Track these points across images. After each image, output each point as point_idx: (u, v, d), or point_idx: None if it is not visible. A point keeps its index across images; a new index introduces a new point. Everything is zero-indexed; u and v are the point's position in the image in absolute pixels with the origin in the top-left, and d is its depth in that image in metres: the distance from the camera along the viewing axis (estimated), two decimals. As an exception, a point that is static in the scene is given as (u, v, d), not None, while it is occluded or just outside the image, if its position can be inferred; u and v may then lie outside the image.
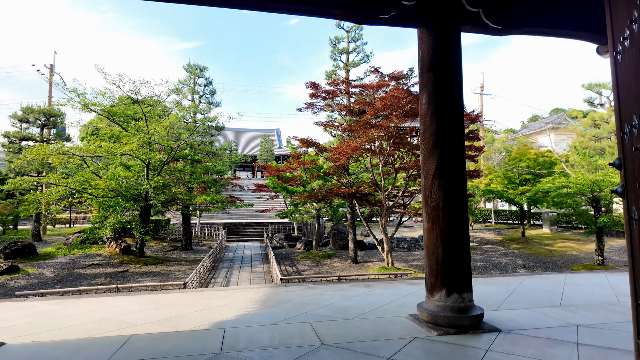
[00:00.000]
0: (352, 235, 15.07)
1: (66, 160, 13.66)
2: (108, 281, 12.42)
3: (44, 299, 7.67)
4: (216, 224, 29.26)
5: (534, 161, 17.42)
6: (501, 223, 26.02)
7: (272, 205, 36.51)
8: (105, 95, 14.30)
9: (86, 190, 14.02)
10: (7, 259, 15.40)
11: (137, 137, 13.53)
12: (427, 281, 4.89)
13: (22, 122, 19.27)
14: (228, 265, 15.67)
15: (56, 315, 5.82)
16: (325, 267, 14.77)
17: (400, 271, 12.38)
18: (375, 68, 11.98)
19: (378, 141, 11.97)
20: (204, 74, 21.18)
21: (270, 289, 8.16)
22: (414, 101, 11.23)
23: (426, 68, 4.97)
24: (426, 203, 4.87)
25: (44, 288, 11.46)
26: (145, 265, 15.20)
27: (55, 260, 15.69)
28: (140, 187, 14.22)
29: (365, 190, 12.81)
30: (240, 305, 6.26)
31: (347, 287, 8.21)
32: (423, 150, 5.00)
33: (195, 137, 17.80)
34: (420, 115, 5.14)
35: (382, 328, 4.59)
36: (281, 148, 58.08)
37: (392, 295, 7.01)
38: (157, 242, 22.38)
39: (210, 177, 19.41)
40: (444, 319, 4.45)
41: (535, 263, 14.26)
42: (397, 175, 13.18)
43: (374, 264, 14.78)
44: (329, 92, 13.32)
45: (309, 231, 24.58)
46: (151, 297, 7.55)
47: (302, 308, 5.80)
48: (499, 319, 4.99)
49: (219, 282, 12.27)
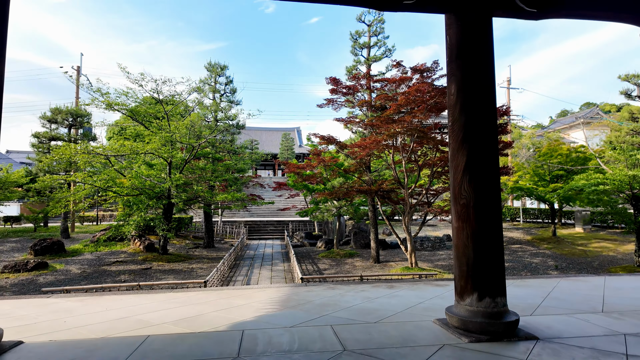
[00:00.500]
0: (374, 234, 14.74)
1: (90, 159, 13.95)
2: (131, 278, 12.58)
3: (68, 295, 7.75)
4: (238, 221, 29.46)
5: (566, 157, 16.55)
6: (530, 222, 25.03)
7: (292, 204, 36.53)
8: (128, 95, 14.51)
9: (110, 188, 14.26)
10: (37, 255, 15.88)
11: (159, 136, 13.66)
12: (457, 284, 4.57)
13: (51, 122, 19.91)
14: (249, 264, 15.65)
15: (77, 313, 5.82)
16: (347, 266, 14.51)
17: (425, 271, 11.99)
18: (397, 62, 11.58)
19: (401, 137, 11.60)
20: (225, 72, 21.27)
21: (290, 289, 7.99)
22: (439, 95, 10.81)
23: (454, 56, 4.65)
24: (455, 200, 4.56)
25: (70, 284, 11.70)
26: (167, 263, 15.36)
27: (82, 257, 16.07)
28: (162, 185, 14.36)
29: (388, 188, 12.45)
30: (259, 306, 6.11)
31: (369, 287, 7.94)
32: (452, 143, 4.67)
33: (216, 136, 17.88)
34: (449, 106, 4.82)
35: (408, 333, 4.32)
36: (302, 147, 58.10)
37: (417, 297, 6.70)
38: (180, 239, 22.67)
39: (231, 175, 19.47)
40: (475, 325, 4.14)
41: (568, 264, 13.55)
42: (420, 173, 12.77)
43: (396, 264, 14.41)
44: (350, 88, 13.02)
45: (330, 229, 24.36)
46: (171, 295, 7.51)
47: (323, 310, 5.58)
48: (535, 325, 4.62)
49: (240, 281, 12.21)
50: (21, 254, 16.44)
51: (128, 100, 14.55)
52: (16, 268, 13.24)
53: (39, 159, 17.21)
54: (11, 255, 16.07)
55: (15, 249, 17.34)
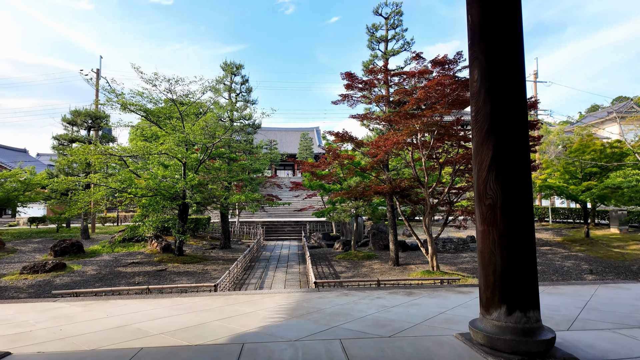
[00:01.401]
0: (393, 235, 14.15)
1: (105, 160, 13.98)
2: (145, 280, 12.46)
3: (75, 300, 7.59)
4: (255, 222, 29.33)
5: (600, 153, 15.42)
6: (559, 222, 23.74)
7: (309, 204, 36.20)
8: (143, 95, 14.46)
9: (125, 189, 14.25)
10: (56, 256, 16.07)
11: (172, 136, 13.54)
12: (482, 295, 4.02)
13: (71, 124, 20.26)
14: (264, 265, 15.34)
15: (77, 320, 5.61)
16: (364, 268, 13.98)
17: (447, 276, 11.34)
18: (417, 54, 10.95)
19: (420, 133, 11.00)
20: (240, 71, 21.10)
21: (301, 295, 7.56)
22: (462, 88, 10.17)
23: (477, 37, 4.11)
24: (480, 200, 4.02)
25: (85, 286, 11.67)
26: (183, 264, 15.24)
27: (100, 258, 16.16)
28: (177, 186, 14.24)
29: (407, 187, 11.85)
30: (266, 314, 5.72)
31: (385, 294, 7.44)
32: (475, 136, 4.13)
33: (231, 135, 17.72)
34: (471, 94, 4.28)
35: (426, 351, 3.82)
36: (320, 146, 57.70)
37: (437, 306, 6.15)
38: (197, 240, 22.66)
39: (247, 175, 19.25)
40: (504, 343, 3.59)
41: (604, 268, 12.58)
42: (442, 171, 12.14)
43: (417, 267, 13.78)
44: (366, 83, 12.49)
45: (347, 230, 23.83)
46: (177, 300, 7.23)
47: (333, 320, 5.13)
48: (574, 343, 4.03)
49: (253, 284, 11.90)
50: (42, 254, 16.69)
51: (143, 101, 14.52)
52: (35, 269, 13.36)
53: (59, 160, 17.50)
54: (32, 256, 16.33)
55: (37, 249, 17.65)
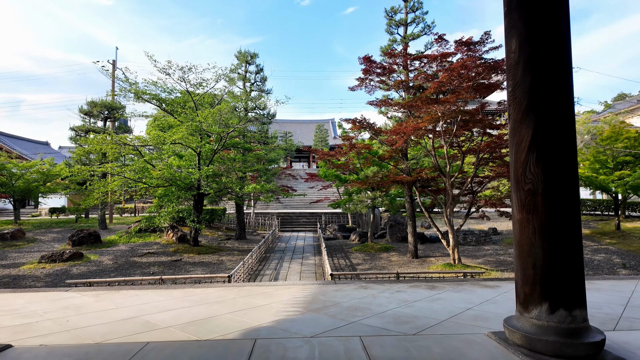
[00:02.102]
0: (412, 227, 13.70)
1: (119, 150, 13.92)
2: (160, 270, 12.40)
3: (87, 289, 7.48)
4: (270, 213, 29.22)
5: (634, 140, 14.52)
6: (586, 214, 22.76)
7: (325, 195, 35.89)
8: (157, 84, 14.30)
9: (140, 179, 14.18)
10: (74, 245, 16.22)
11: (185, 125, 13.35)
12: (520, 291, 3.62)
13: (88, 115, 20.39)
14: (279, 257, 15.14)
15: (86, 311, 5.45)
16: (382, 261, 13.60)
17: (469, 269, 10.86)
18: (439, 35, 10.33)
19: (442, 120, 10.47)
20: (255, 60, 20.78)
21: (317, 287, 7.27)
22: (488, 71, 9.59)
23: (515, 3, 3.66)
24: (518, 186, 3.60)
25: (100, 276, 11.68)
26: (198, 255, 15.17)
27: (117, 248, 16.25)
28: (191, 177, 14.10)
29: (427, 177, 11.35)
30: (280, 307, 5.44)
31: (406, 288, 7.07)
32: (513, 114, 3.70)
33: (246, 124, 17.48)
34: (508, 68, 3.83)
35: (456, 351, 3.45)
36: (336, 138, 57.21)
37: (463, 301, 5.75)
38: (213, 231, 22.66)
39: (262, 165, 19.01)
40: (546, 345, 3.20)
41: (638, 262, 11.87)
42: (464, 160, 11.59)
43: (437, 260, 13.33)
44: (385, 67, 11.95)
45: (364, 222, 23.44)
46: (189, 291, 7.03)
47: (352, 315, 4.80)
48: (623, 345, 3.60)
49: (268, 275, 11.69)
50: (61, 244, 16.90)
51: (156, 90, 14.37)
52: (52, 258, 13.47)
53: (75, 151, 17.64)
54: (51, 246, 16.55)
55: (56, 239, 17.90)
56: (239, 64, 20.18)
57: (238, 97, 18.63)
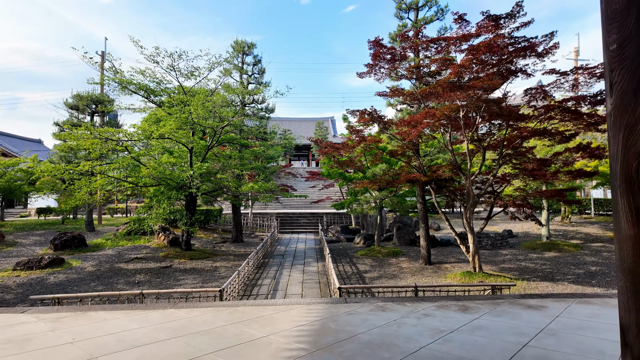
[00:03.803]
0: (424, 229, 12.47)
1: (101, 146, 12.69)
2: (146, 279, 11.16)
3: (49, 311, 6.24)
4: (269, 214, 27.95)
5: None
6: (602, 214, 21.62)
7: (327, 195, 34.62)
8: (145, 73, 13.03)
9: (126, 178, 12.97)
10: (56, 250, 14.96)
11: (175, 117, 12.12)
12: (634, 341, 2.32)
13: (74, 109, 19.12)
14: (278, 262, 13.89)
15: (32, 347, 4.30)
16: (391, 267, 12.37)
17: (493, 279, 9.64)
18: (459, 15, 9.01)
19: (463, 111, 9.24)
20: (253, 51, 19.51)
21: (325, 308, 6.02)
22: (521, 51, 8.33)
23: None
24: (629, 187, 2.31)
25: (78, 286, 10.42)
26: (190, 260, 13.92)
27: (103, 252, 15.00)
28: (182, 175, 12.89)
29: (445, 175, 10.11)
30: (280, 343, 4.22)
31: (433, 309, 5.83)
32: (619, 84, 2.38)
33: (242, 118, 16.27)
34: (608, 17, 2.51)
35: None
36: (335, 137, 55.98)
37: (512, 331, 4.54)
38: (208, 233, 21.41)
39: (259, 163, 17.74)
40: None
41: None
42: (484, 156, 10.39)
43: (452, 267, 12.09)
44: (395, 53, 10.64)
45: (369, 223, 22.19)
46: (170, 314, 5.79)
47: (375, 357, 3.55)
48: None
49: (266, 285, 10.44)
50: (43, 248, 15.64)
51: (145, 80, 13.10)
52: (29, 265, 12.21)
53: (57, 147, 16.33)
54: (32, 250, 15.28)
55: (38, 242, 16.62)
56: (235, 54, 18.90)
57: (234, 90, 17.35)
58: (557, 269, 11.56)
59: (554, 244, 14.56)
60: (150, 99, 13.31)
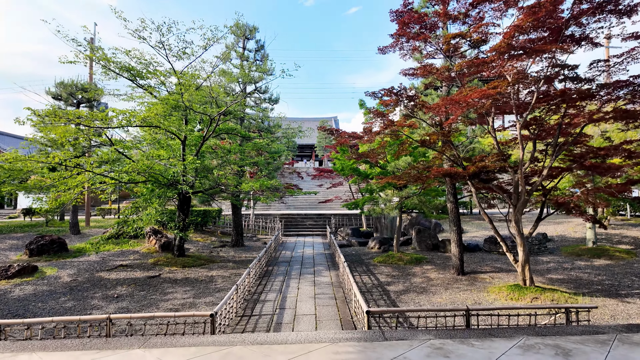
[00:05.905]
0: (456, 234, 10.65)
1: (74, 135, 10.95)
2: (128, 292, 9.36)
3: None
4: (272, 215, 26.11)
5: None
6: (638, 216, 19.71)
7: (335, 194, 32.75)
8: (130, 54, 11.26)
9: (107, 174, 11.20)
10: (32, 255, 13.20)
11: (161, 101, 10.38)
12: None
13: (56, 99, 17.43)
14: (284, 271, 12.06)
15: None
16: (417, 278, 10.52)
17: (556, 297, 7.76)
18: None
19: (513, 87, 7.40)
20: (255, 36, 17.72)
21: (359, 351, 4.20)
22: (597, 8, 6.52)
23: None
24: None
25: (46, 301, 8.64)
26: (182, 268, 12.13)
27: (85, 258, 13.22)
28: (171, 170, 11.13)
29: (492, 167, 8.28)
30: None
31: (518, 353, 3.99)
32: None
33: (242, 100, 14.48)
34: None
35: None
36: (341, 134, 53.97)
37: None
38: (205, 236, 19.58)
39: (262, 158, 15.92)
40: None
41: None
42: (535, 146, 8.57)
43: (491, 278, 10.23)
44: (424, 25, 8.82)
45: (383, 225, 20.31)
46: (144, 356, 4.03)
47: None
48: None
49: (270, 302, 8.61)
50: (17, 253, 13.88)
51: (130, 61, 11.34)
52: (-7, 274, 10.46)
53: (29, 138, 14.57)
54: (5, 256, 13.51)
55: (14, 246, 14.85)
56: (237, 39, 17.12)
57: (235, 78, 15.53)
58: (616, 280, 9.69)
59: (601, 249, 12.69)
60: (137, 81, 11.53)
